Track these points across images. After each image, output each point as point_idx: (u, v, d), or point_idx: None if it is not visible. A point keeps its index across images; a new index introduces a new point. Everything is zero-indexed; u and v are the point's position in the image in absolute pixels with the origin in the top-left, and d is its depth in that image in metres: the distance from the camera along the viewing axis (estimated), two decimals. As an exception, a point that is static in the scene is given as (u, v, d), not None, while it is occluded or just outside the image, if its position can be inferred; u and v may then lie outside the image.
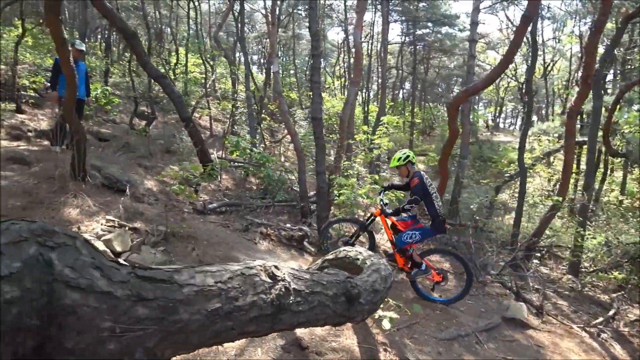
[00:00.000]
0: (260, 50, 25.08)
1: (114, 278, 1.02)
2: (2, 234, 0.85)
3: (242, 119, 10.48)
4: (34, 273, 0.85)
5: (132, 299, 1.03)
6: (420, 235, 4.38)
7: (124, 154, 6.60)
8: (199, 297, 1.20)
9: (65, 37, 3.29)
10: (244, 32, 10.75)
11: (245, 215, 5.41)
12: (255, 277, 1.44)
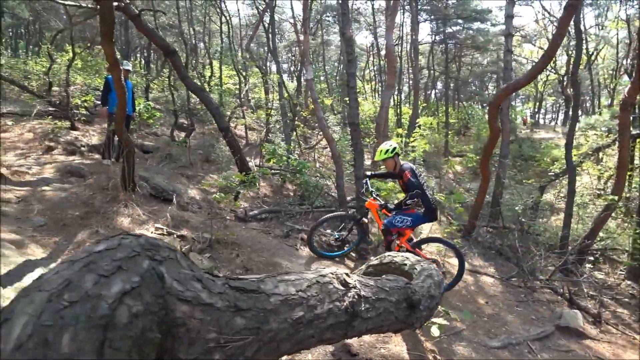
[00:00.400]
0: (289, 59, 25.52)
1: (213, 289, 1.05)
2: (118, 249, 0.90)
3: (277, 127, 10.67)
4: (150, 287, 0.89)
5: (231, 310, 1.06)
6: (412, 222, 4.28)
7: (167, 164, 6.91)
8: (285, 307, 1.22)
9: (117, 59, 3.53)
10: (275, 43, 10.97)
11: (285, 221, 5.47)
12: (329, 284, 1.44)
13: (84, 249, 0.89)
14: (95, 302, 0.77)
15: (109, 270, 0.83)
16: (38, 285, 0.79)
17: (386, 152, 4.28)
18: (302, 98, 13.08)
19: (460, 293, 5.12)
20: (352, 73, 5.40)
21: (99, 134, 7.97)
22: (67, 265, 0.83)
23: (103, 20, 2.95)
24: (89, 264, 0.82)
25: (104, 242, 0.92)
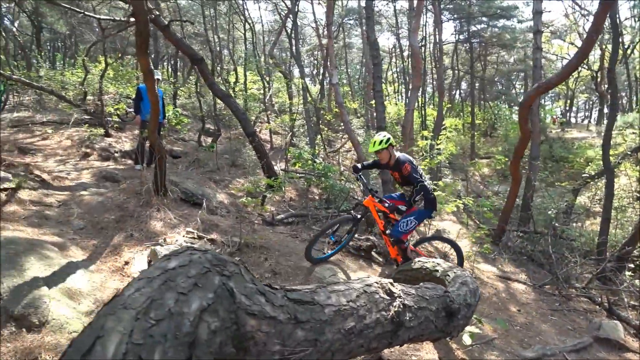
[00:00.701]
0: (311, 63, 25.68)
1: (275, 302, 1.07)
2: (190, 265, 0.93)
3: (301, 131, 10.76)
4: (223, 303, 0.92)
5: (292, 322, 1.08)
6: (417, 220, 4.03)
7: (195, 169, 7.10)
8: (338, 317, 1.23)
9: (152, 69, 3.68)
10: (298, 47, 11.08)
11: (311, 225, 5.50)
12: (375, 294, 1.45)
13: (156, 265, 0.92)
14: (178, 320, 0.80)
15: (186, 288, 0.85)
16: (122, 302, 0.82)
17: (380, 143, 3.99)
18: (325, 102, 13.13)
19: (491, 300, 4.97)
20: (378, 77, 5.38)
21: (131, 141, 8.28)
22: (146, 282, 0.86)
23: (139, 33, 3.08)
24: (166, 282, 0.85)
25: (175, 258, 0.95)
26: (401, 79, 21.90)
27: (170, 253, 1.00)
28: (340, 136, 11.50)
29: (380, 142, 4.01)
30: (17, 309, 2.38)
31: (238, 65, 15.35)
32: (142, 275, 0.88)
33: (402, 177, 4.02)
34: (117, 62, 14.00)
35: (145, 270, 0.91)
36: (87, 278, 3.10)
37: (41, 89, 9.41)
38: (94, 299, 2.89)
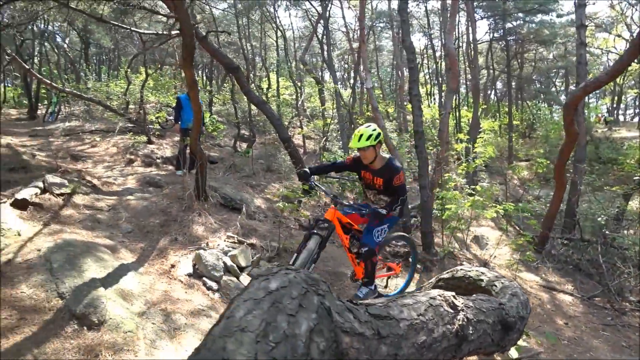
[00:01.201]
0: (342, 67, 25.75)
1: (361, 319, 1.10)
2: (290, 286, 0.97)
3: (334, 135, 10.81)
4: (324, 322, 0.95)
5: (376, 338, 1.10)
6: (388, 227, 3.41)
7: (231, 174, 7.30)
8: (411, 331, 1.24)
9: (196, 80, 3.84)
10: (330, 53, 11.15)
11: (346, 230, 5.50)
12: (440, 307, 1.44)
13: (256, 286, 0.97)
14: (293, 341, 0.84)
15: (293, 310, 0.89)
16: (238, 325, 0.85)
17: (369, 139, 3.14)
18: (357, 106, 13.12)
19: (535, 311, 4.74)
20: (415, 80, 5.31)
21: (171, 147, 8.65)
22: (254, 304, 0.90)
23: (185, 47, 3.24)
24: (274, 304, 0.89)
25: (273, 278, 0.99)
26: (434, 81, 21.46)
27: (266, 273, 1.04)
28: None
29: (369, 136, 3.15)
30: (78, 308, 2.53)
31: (270, 72, 15.68)
32: (247, 296, 0.92)
33: (388, 186, 3.29)
34: (156, 72, 14.71)
35: (248, 291, 0.95)
36: (137, 280, 3.26)
37: (89, 100, 10.05)
38: (144, 300, 3.03)
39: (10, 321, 2.37)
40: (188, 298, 3.09)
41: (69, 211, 4.58)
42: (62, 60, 18.67)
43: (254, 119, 10.85)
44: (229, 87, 12.75)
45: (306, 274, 1.04)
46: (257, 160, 8.44)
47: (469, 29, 15.20)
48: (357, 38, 17.53)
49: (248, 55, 13.75)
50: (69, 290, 2.71)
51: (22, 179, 4.99)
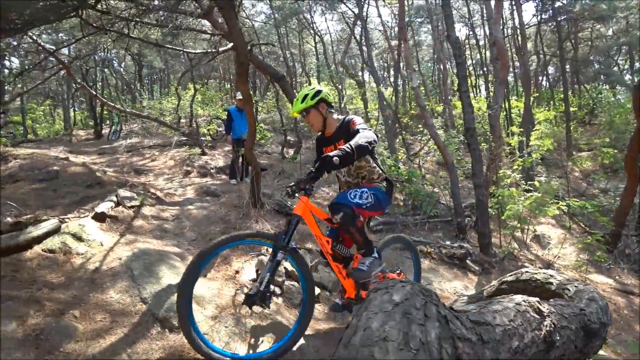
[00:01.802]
0: (381, 66, 25.50)
1: (466, 325, 1.16)
2: (412, 298, 1.04)
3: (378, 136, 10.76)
4: (444, 330, 1.03)
5: (479, 343, 1.15)
6: (373, 199, 2.59)
7: (281, 180, 7.53)
8: (505, 337, 1.27)
9: (250, 94, 4.04)
10: (371, 54, 11.11)
11: (400, 232, 5.46)
12: (526, 313, 1.44)
13: (380, 299, 1.04)
14: (428, 348, 0.91)
15: (421, 319, 0.96)
16: (378, 335, 0.94)
17: (304, 100, 2.62)
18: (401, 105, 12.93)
19: (611, 317, 4.39)
20: (463, 76, 5.16)
21: (224, 157, 9.10)
22: (387, 316, 0.98)
23: (240, 65, 3.43)
24: (405, 315, 0.97)
25: (394, 291, 1.07)
26: (478, 72, 20.55)
27: (384, 286, 1.11)
28: (419, 138, 11.21)
29: (305, 97, 2.62)
30: (160, 312, 2.76)
31: (311, 77, 15.93)
32: (375, 309, 1.00)
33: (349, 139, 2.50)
34: (203, 87, 15.53)
35: (373, 304, 1.03)
36: (206, 286, 3.47)
37: (146, 117, 10.83)
38: (215, 305, 3.22)
39: (104, 323, 2.62)
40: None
41: (139, 222, 4.97)
42: (119, 83, 20.31)
43: (299, 125, 11.08)
44: (272, 95, 13.13)
45: (419, 286, 1.09)
46: (305, 165, 8.62)
47: (513, 14, 14.39)
48: (395, 36, 17.29)
49: (289, 62, 14.08)
50: (150, 295, 2.96)
51: (98, 194, 5.50)
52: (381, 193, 2.69)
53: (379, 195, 2.66)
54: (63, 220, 3.88)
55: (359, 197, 2.56)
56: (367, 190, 2.61)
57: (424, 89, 17.66)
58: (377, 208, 2.69)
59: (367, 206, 2.58)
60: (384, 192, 2.72)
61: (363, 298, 2.53)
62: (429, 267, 4.61)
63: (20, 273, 2.89)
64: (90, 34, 5.43)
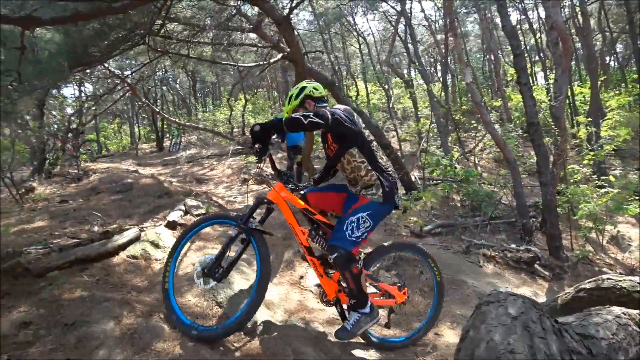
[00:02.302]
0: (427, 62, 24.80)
1: (574, 337, 1.17)
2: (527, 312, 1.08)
3: (430, 135, 10.52)
4: (559, 342, 1.06)
5: (589, 357, 1.15)
6: (372, 220, 2.39)
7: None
8: (611, 351, 1.24)
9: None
10: (417, 51, 10.89)
11: (460, 235, 5.29)
12: (628, 326, 1.38)
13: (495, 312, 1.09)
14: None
15: (540, 333, 1.00)
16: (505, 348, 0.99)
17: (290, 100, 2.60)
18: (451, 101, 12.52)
19: None
20: (522, 67, 4.90)
21: (278, 164, 9.39)
22: (507, 330, 1.03)
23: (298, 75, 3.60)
24: (525, 328, 1.02)
25: (508, 304, 1.10)
26: (534, 58, 19.19)
27: (495, 299, 1.15)
28: (473, 135, 10.74)
29: (290, 97, 2.59)
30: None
31: (357, 79, 15.94)
32: (494, 322, 1.04)
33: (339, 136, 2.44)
34: (253, 97, 16.18)
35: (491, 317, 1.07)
36: (274, 291, 3.63)
37: (203, 129, 11.54)
38: (283, 309, 3.36)
39: None
40: (321, 307, 3.33)
41: (206, 229, 5.31)
42: (176, 98, 21.80)
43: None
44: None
45: (528, 299, 1.10)
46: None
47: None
48: (439, 30, 16.74)
49: (335, 67, 14.23)
50: (225, 299, 3.14)
51: (167, 203, 5.95)
52: (377, 205, 2.42)
53: (379, 214, 2.47)
54: (142, 229, 4.25)
55: (357, 228, 2.36)
56: (362, 213, 2.39)
57: (475, 82, 16.89)
58: (375, 225, 2.48)
59: (366, 234, 2.43)
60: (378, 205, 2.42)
61: (341, 303, 2.62)
62: (493, 272, 4.42)
63: (110, 277, 3.20)
64: (155, 58, 5.93)
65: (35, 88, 3.19)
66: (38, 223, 4.32)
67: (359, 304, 2.46)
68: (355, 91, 14.51)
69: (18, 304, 2.53)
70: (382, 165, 2.47)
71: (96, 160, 10.89)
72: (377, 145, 2.62)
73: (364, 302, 2.46)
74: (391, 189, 2.42)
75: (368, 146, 2.46)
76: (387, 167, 2.53)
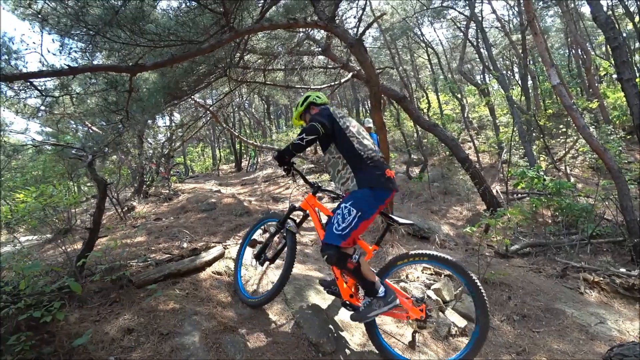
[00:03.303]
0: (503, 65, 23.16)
1: None
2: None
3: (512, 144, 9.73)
4: None
5: None
6: (355, 208, 2.37)
7: (409, 200, 7.38)
8: None
9: (384, 122, 4.23)
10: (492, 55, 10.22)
11: (554, 256, 4.69)
12: None
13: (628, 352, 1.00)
14: None
15: None
16: None
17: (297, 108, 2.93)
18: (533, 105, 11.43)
19: None
20: (623, 62, 4.29)
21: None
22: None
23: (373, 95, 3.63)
24: None
25: None
26: (634, 46, 16.68)
27: (629, 352, 1.05)
28: (562, 141, 9.62)
29: (296, 106, 2.94)
30: (314, 337, 2.92)
31: (427, 91, 15.49)
32: None
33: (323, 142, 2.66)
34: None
35: None
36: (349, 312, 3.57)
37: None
38: (361, 332, 3.28)
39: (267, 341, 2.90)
40: (400, 332, 3.19)
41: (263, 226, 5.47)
42: (251, 121, 23.35)
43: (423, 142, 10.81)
44: (390, 115, 13.17)
45: None
46: (432, 183, 8.28)
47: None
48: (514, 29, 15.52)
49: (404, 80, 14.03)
50: (303, 319, 3.17)
51: (247, 221, 6.31)
52: (361, 194, 2.42)
53: (362, 199, 2.42)
54: (226, 247, 4.54)
55: (342, 220, 2.42)
56: (345, 204, 2.45)
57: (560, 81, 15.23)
58: (368, 213, 2.43)
59: (355, 223, 2.41)
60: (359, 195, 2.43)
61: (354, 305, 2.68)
62: (599, 301, 3.81)
63: (198, 291, 3.45)
64: (235, 88, 6.44)
65: (138, 122, 3.68)
66: (138, 239, 4.87)
67: (369, 292, 2.52)
68: (427, 103, 14.05)
69: (123, 311, 2.86)
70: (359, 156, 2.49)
71: (184, 182, 12.05)
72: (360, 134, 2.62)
73: (372, 290, 2.51)
74: (365, 172, 2.43)
75: (345, 141, 2.53)
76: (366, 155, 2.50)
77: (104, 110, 3.58)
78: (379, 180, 2.42)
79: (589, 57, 13.10)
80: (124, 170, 8.08)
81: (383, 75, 18.03)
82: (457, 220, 5.81)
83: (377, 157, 2.51)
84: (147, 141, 9.92)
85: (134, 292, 3.17)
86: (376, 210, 2.48)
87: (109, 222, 6.45)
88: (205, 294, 3.41)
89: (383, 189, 2.44)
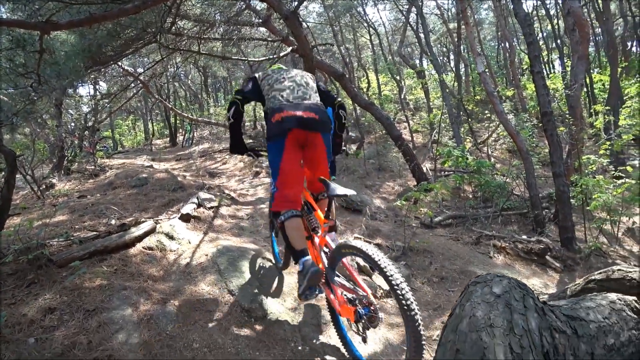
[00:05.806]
0: (440, 51, 24.36)
1: (560, 318, 1.23)
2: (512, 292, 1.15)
3: (442, 126, 10.46)
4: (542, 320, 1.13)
5: (575, 336, 1.22)
6: (271, 160, 2.46)
7: (346, 176, 7.65)
8: (600, 333, 1.29)
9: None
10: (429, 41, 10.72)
11: (471, 226, 5.28)
12: (622, 312, 1.42)
13: (481, 291, 1.15)
14: (530, 335, 1.03)
15: (521, 310, 1.08)
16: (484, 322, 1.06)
17: None
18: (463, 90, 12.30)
19: None
20: (535, 56, 4.81)
21: (287, 157, 9.48)
22: (489, 306, 1.10)
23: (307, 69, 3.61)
24: (507, 305, 1.09)
25: (493, 284, 1.17)
26: (551, 45, 18.66)
27: (482, 280, 1.21)
28: (486, 125, 10.58)
29: None
30: (246, 303, 3.02)
31: (368, 71, 15.80)
32: (478, 299, 1.11)
33: None
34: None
35: (476, 295, 1.13)
36: (284, 280, 3.71)
37: (215, 124, 11.67)
38: (293, 297, 3.44)
39: (200, 312, 2.94)
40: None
41: (219, 221, 5.41)
42: (187, 94, 22.05)
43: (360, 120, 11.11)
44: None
45: (514, 280, 1.15)
46: (368, 160, 8.65)
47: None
48: (452, 18, 16.40)
49: (346, 59, 14.16)
50: (236, 288, 3.23)
51: (181, 197, 6.09)
52: (268, 147, 2.46)
53: (269, 151, 2.46)
54: (157, 222, 4.38)
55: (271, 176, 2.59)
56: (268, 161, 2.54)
57: (489, 71, 16.54)
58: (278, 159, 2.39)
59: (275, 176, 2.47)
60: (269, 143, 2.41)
61: None
62: (504, 263, 4.41)
63: (128, 267, 3.33)
64: (167, 55, 6.03)
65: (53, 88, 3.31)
66: (59, 217, 4.50)
67: (293, 258, 2.48)
68: (367, 83, 14.40)
69: (43, 291, 2.68)
70: (266, 112, 2.47)
71: (112, 157, 11.16)
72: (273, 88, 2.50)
73: (294, 257, 2.44)
74: (267, 126, 2.42)
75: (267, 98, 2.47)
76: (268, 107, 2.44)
77: (9, 74, 3.16)
78: (272, 131, 2.36)
79: (513, 51, 14.34)
80: (39, 145, 7.25)
81: (326, 53, 18.02)
82: (389, 195, 6.21)
83: (277, 105, 2.36)
84: (68, 112, 8.95)
85: (55, 271, 2.97)
86: (280, 156, 2.37)
87: (24, 202, 5.82)
88: (136, 269, 3.31)
89: (278, 136, 2.34)
